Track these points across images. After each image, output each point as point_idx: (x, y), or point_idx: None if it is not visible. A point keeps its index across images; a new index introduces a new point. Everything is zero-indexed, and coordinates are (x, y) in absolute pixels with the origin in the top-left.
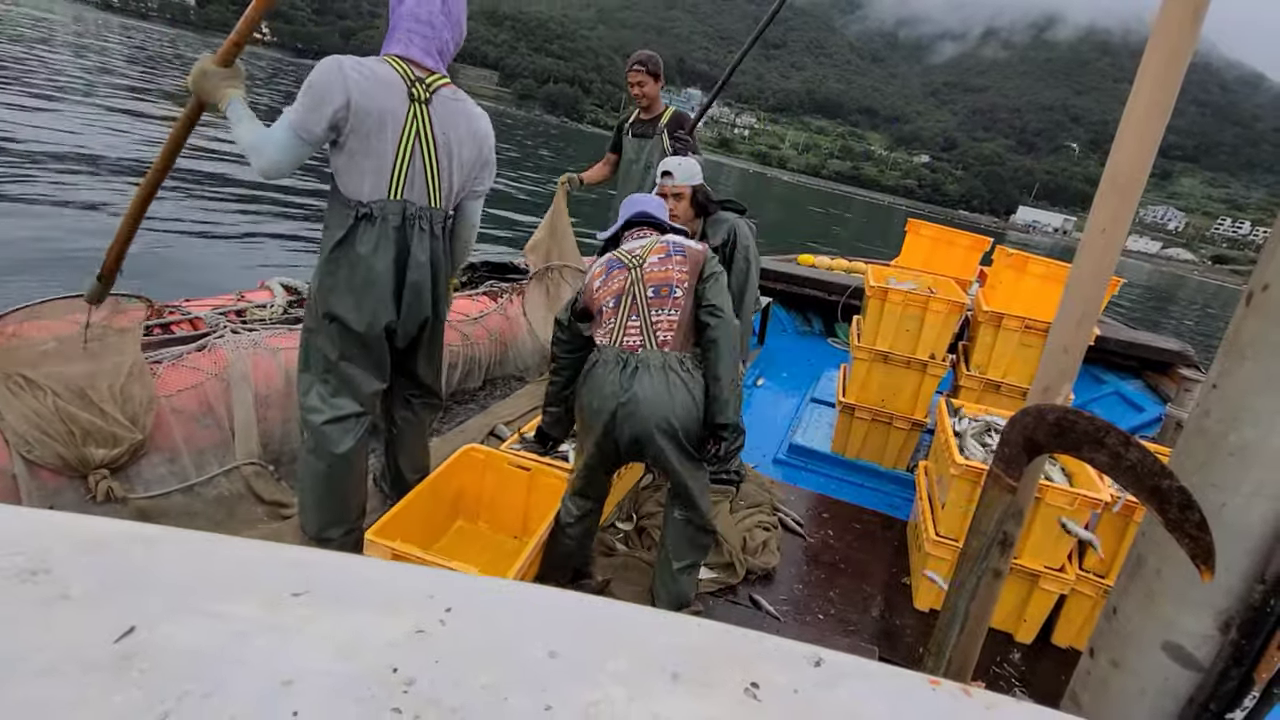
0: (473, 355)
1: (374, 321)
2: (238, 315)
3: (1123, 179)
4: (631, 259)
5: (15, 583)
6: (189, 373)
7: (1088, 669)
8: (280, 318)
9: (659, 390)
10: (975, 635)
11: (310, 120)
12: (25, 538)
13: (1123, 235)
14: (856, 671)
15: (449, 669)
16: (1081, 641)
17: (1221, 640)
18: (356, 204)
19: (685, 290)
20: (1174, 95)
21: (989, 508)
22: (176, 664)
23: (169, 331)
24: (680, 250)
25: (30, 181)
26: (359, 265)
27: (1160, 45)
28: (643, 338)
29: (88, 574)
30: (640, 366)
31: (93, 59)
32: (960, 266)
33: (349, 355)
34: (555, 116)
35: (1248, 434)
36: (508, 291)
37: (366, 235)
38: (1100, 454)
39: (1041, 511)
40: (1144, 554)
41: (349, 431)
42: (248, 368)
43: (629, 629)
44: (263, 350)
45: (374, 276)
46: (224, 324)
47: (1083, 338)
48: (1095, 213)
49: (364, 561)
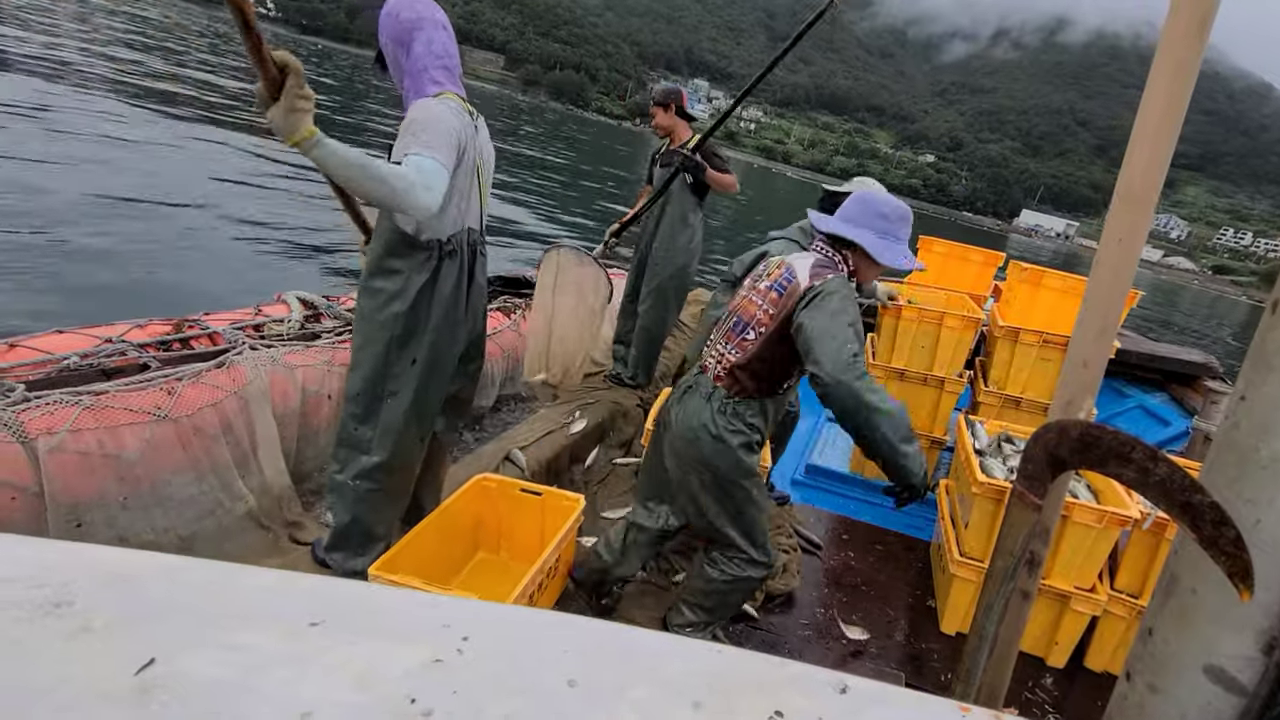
0: (486, 371)
1: (449, 350)
2: (255, 330)
3: (1137, 190)
4: (754, 278)
5: (39, 615)
6: (209, 390)
7: (1124, 694)
8: (297, 333)
9: (690, 418)
10: (1005, 659)
11: (452, 159)
12: (48, 570)
13: (1139, 246)
14: (883, 698)
15: (467, 699)
16: (1116, 665)
17: (1266, 662)
18: (438, 243)
19: (760, 336)
20: (1184, 105)
21: (1014, 527)
22: (196, 695)
23: (188, 347)
24: (782, 285)
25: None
26: (443, 303)
27: (1168, 55)
28: (712, 362)
29: (109, 605)
30: (690, 389)
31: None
32: (973, 282)
33: (427, 391)
34: (561, 103)
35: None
36: (521, 307)
37: (449, 271)
38: (1127, 469)
39: (1069, 530)
40: (1178, 573)
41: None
42: (266, 385)
43: (649, 656)
44: (280, 368)
45: (453, 307)
46: (242, 340)
47: (1103, 351)
48: (1110, 224)
49: (381, 590)
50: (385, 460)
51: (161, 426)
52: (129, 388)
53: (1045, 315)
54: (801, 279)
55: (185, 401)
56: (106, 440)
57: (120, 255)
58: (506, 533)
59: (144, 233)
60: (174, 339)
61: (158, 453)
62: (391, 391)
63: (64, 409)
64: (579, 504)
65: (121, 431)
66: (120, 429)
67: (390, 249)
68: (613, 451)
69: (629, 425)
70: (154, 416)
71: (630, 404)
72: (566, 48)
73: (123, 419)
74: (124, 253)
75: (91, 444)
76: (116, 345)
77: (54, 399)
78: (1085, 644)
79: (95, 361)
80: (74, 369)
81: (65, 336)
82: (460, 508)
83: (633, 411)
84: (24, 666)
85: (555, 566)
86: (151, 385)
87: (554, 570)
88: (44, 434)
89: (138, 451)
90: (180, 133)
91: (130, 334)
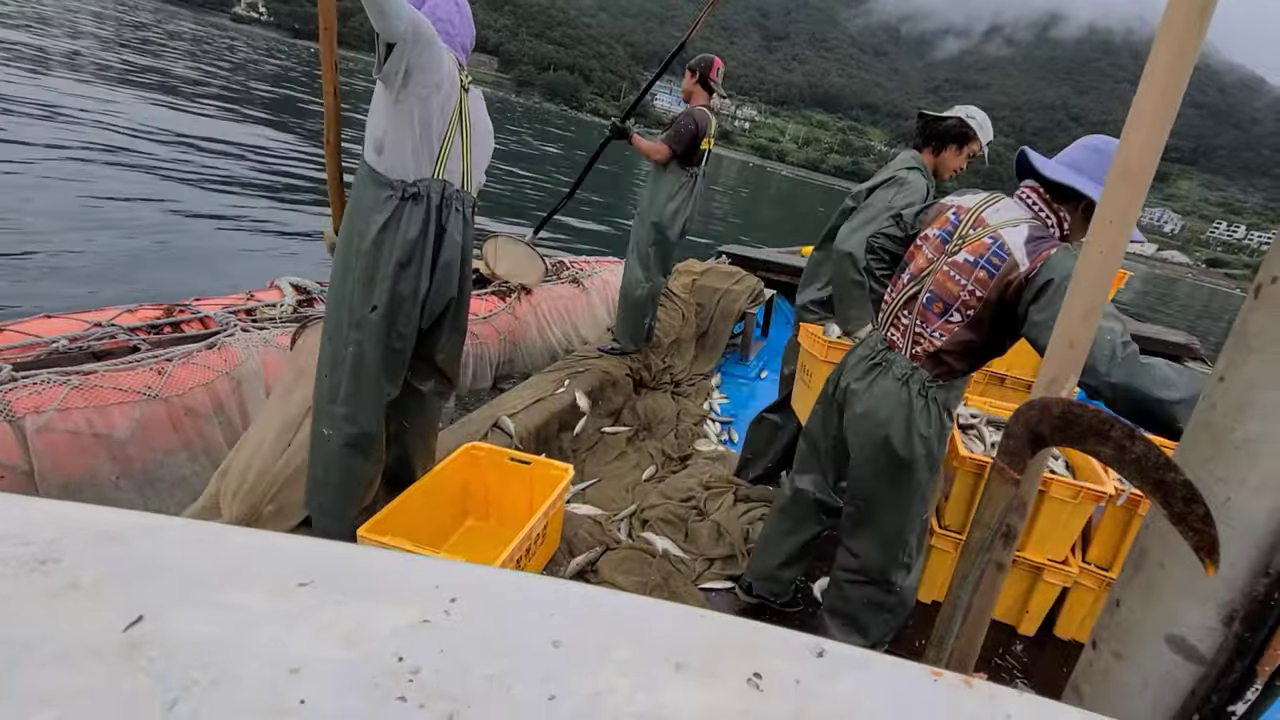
0: (482, 355)
1: (415, 295)
2: (248, 314)
3: (1133, 169)
4: (956, 237)
5: (25, 572)
6: (200, 371)
7: (1090, 661)
8: (290, 316)
9: (881, 402)
10: (978, 627)
11: (419, 24)
12: (36, 528)
13: (1130, 226)
14: (859, 662)
15: (454, 658)
16: (1084, 634)
17: (1225, 633)
18: (402, 184)
19: (968, 320)
20: (1185, 81)
21: (993, 500)
22: (184, 652)
23: (179, 330)
24: (993, 265)
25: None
26: (404, 248)
27: (1171, 28)
28: (904, 340)
29: (97, 564)
30: (879, 368)
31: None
32: None
33: (389, 341)
34: (555, 104)
35: (1254, 428)
36: (516, 291)
37: (413, 217)
38: (1105, 447)
39: (1046, 505)
40: (1148, 547)
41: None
42: (259, 366)
43: (633, 620)
44: (273, 349)
45: (416, 256)
46: (234, 323)
47: (1089, 330)
48: (1103, 204)
49: (369, 552)
50: (350, 412)
51: (152, 406)
52: (118, 368)
53: None
54: (1019, 259)
55: (176, 381)
56: (96, 419)
57: (110, 246)
58: (495, 500)
59: (134, 224)
60: (165, 323)
61: (149, 432)
62: (355, 340)
63: (52, 388)
64: (567, 473)
65: (111, 411)
66: (110, 408)
67: (359, 186)
68: (601, 420)
69: (618, 394)
70: (144, 396)
71: (620, 373)
72: (560, 49)
73: (112, 398)
74: (114, 243)
75: (81, 423)
76: (106, 329)
77: (41, 379)
78: (1055, 613)
79: (84, 344)
80: (63, 351)
81: (54, 321)
82: (449, 475)
83: (622, 380)
84: (10, 622)
85: (542, 533)
86: (141, 366)
87: (541, 537)
88: (31, 413)
89: (128, 431)
90: (170, 124)
91: (120, 318)
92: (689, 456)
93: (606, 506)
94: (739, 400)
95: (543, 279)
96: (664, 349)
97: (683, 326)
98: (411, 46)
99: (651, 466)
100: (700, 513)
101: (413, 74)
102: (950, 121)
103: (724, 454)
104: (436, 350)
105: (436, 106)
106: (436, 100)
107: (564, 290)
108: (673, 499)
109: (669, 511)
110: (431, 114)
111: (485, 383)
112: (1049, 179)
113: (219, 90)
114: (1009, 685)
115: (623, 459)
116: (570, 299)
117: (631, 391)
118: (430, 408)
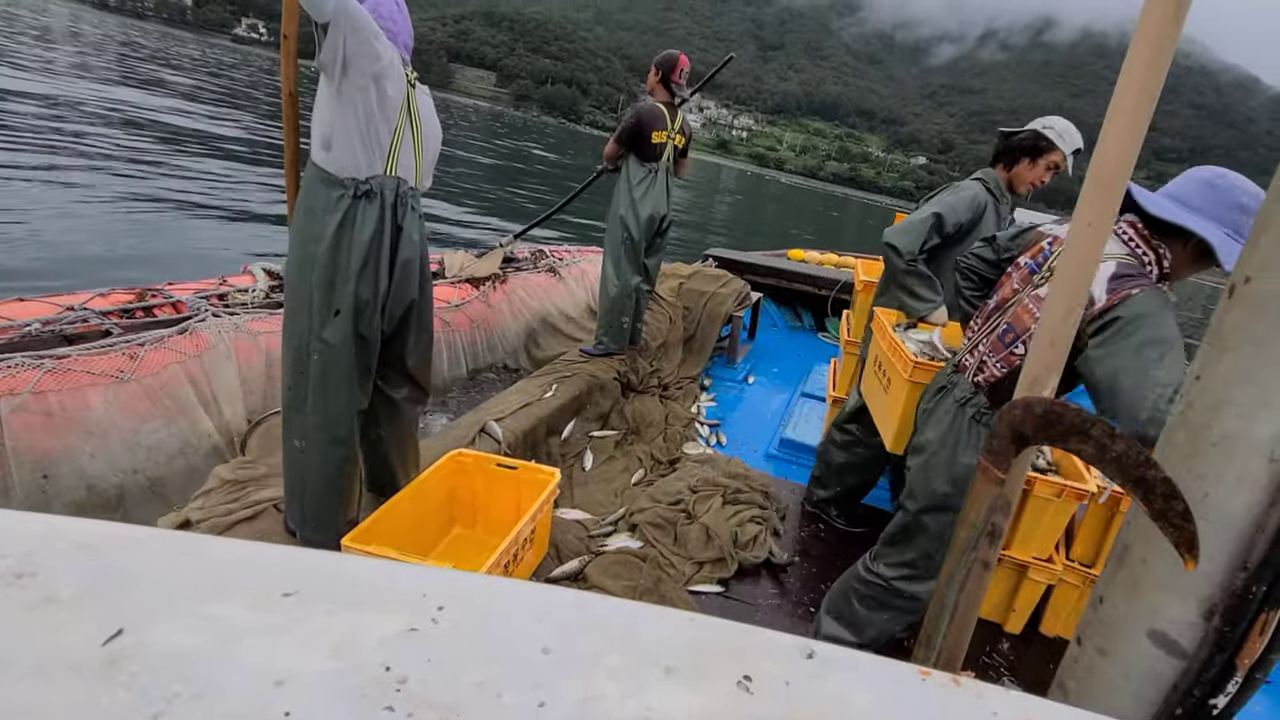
0: (455, 342)
1: (375, 297)
2: (220, 299)
3: (1108, 174)
4: (1044, 269)
5: (1, 586)
6: (171, 354)
7: (1075, 657)
8: (262, 302)
9: (937, 423)
10: (965, 626)
11: (353, 4)
12: (11, 540)
13: (1108, 229)
14: (848, 663)
15: (442, 667)
16: (1068, 630)
17: (1205, 627)
18: (354, 182)
19: None
20: (1158, 88)
21: (978, 500)
22: (166, 665)
23: (151, 315)
24: None
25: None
26: (362, 248)
27: (1145, 34)
28: (972, 364)
29: (75, 576)
30: (945, 390)
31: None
32: None
33: (353, 345)
34: (553, 117)
35: (1230, 425)
36: (488, 279)
37: (367, 216)
38: (1087, 446)
39: (1030, 503)
40: (1129, 544)
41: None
42: (230, 350)
43: (622, 624)
44: (244, 334)
45: (372, 257)
46: (205, 308)
47: (1069, 330)
48: (1081, 208)
49: (355, 560)
50: (321, 420)
51: (125, 387)
52: (91, 352)
53: None
54: (1098, 294)
55: (147, 365)
56: (70, 401)
57: (82, 231)
58: (483, 507)
59: (104, 211)
60: (137, 307)
61: (123, 410)
62: (318, 348)
63: (26, 372)
64: (554, 477)
65: (85, 392)
66: (84, 389)
67: (309, 188)
68: (589, 424)
69: (606, 398)
70: (116, 379)
71: (608, 377)
72: (557, 63)
73: (85, 381)
74: (85, 229)
75: (54, 405)
76: (79, 313)
77: (15, 362)
78: (1040, 611)
79: (57, 328)
80: (35, 335)
81: (27, 304)
82: (435, 483)
83: (609, 384)
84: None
85: (530, 538)
86: (114, 350)
87: (528, 542)
88: (5, 395)
89: (102, 409)
90: (144, 114)
91: (93, 302)
92: (677, 460)
93: (595, 511)
94: (727, 403)
95: (499, 266)
96: (651, 352)
97: (670, 330)
98: (348, 31)
99: (640, 470)
100: (689, 516)
101: (351, 61)
102: (1023, 135)
103: (712, 457)
104: (406, 355)
105: (379, 99)
106: (378, 92)
107: (539, 279)
108: (661, 502)
109: (658, 515)
110: (374, 106)
111: (460, 370)
112: (1152, 215)
113: (209, 95)
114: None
115: (611, 463)
116: (546, 286)
117: (619, 395)
118: (405, 415)
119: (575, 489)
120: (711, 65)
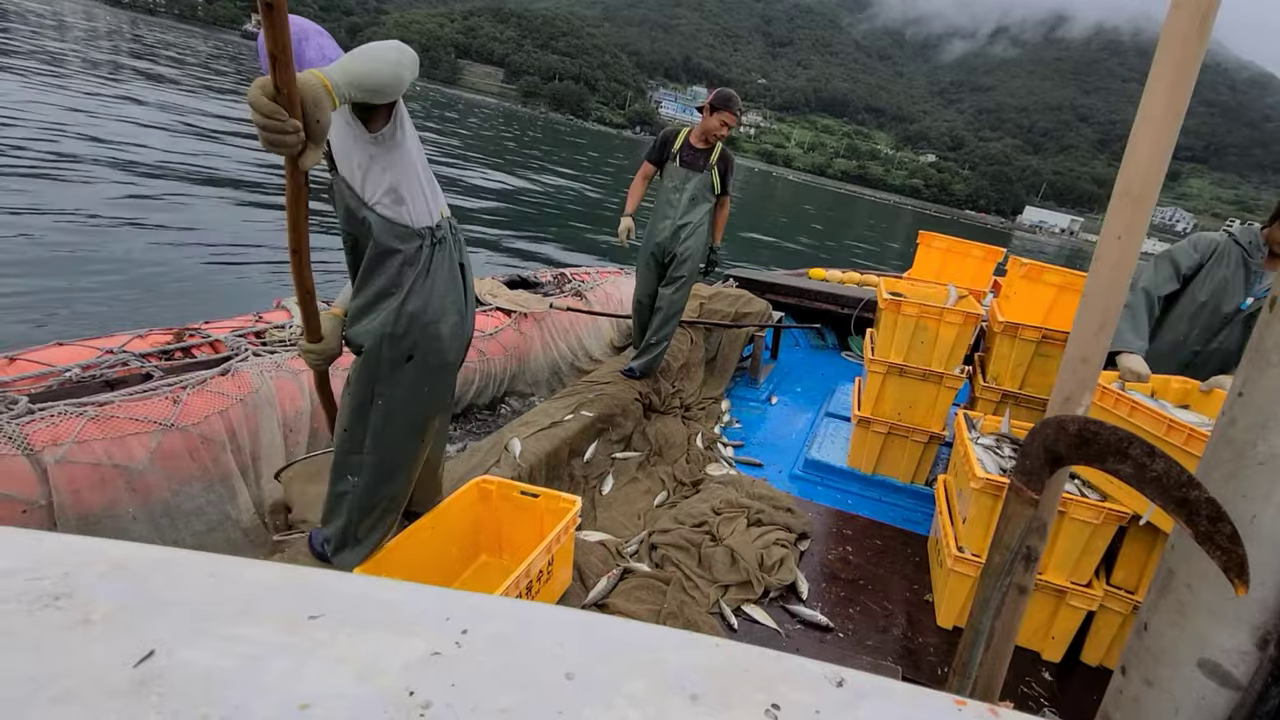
0: (488, 370)
1: (459, 342)
2: (257, 337)
3: (1137, 187)
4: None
5: (39, 607)
6: (215, 398)
7: (1120, 687)
8: (298, 338)
9: None
10: (1001, 654)
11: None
12: (48, 563)
13: (1139, 242)
14: (879, 692)
15: (466, 692)
16: (1112, 659)
17: (1260, 657)
18: (429, 230)
19: None
20: (1185, 103)
21: (1011, 522)
22: (195, 688)
23: (190, 355)
24: None
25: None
26: (440, 294)
27: (1170, 50)
28: None
29: (109, 598)
30: None
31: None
32: (973, 277)
33: (424, 391)
34: (561, 114)
35: (1276, 442)
36: (521, 308)
37: (441, 263)
38: (1125, 465)
39: (1066, 525)
40: (1174, 568)
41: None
42: (271, 391)
43: (647, 650)
44: (285, 373)
45: (454, 296)
46: (245, 346)
47: (1102, 346)
48: (1110, 220)
49: (380, 583)
50: (378, 463)
51: (169, 435)
52: (134, 397)
53: (1044, 311)
54: None
55: (191, 410)
56: (114, 450)
57: (115, 270)
58: (508, 535)
59: (136, 249)
60: (175, 348)
61: (166, 461)
62: (383, 393)
63: (69, 420)
64: (574, 505)
65: (129, 441)
66: (128, 439)
67: (380, 248)
68: (612, 446)
69: (628, 420)
70: (160, 426)
71: (629, 398)
72: (565, 59)
73: (129, 428)
74: (118, 268)
75: (100, 454)
76: (118, 356)
77: (58, 410)
78: (1081, 639)
79: (98, 372)
80: (76, 380)
81: (66, 349)
82: (459, 510)
83: (631, 406)
84: (22, 658)
85: (546, 569)
86: (156, 394)
87: (545, 573)
88: (49, 445)
89: (146, 460)
90: (174, 145)
91: (131, 344)
92: (700, 481)
93: (618, 533)
94: (750, 423)
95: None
96: (673, 373)
97: (691, 350)
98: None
99: (663, 492)
100: (714, 538)
101: (403, 115)
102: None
103: (736, 478)
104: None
105: (417, 143)
106: (414, 136)
107: (565, 317)
108: (685, 524)
109: (681, 537)
110: (415, 150)
111: (484, 399)
112: None
113: (210, 89)
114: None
115: (633, 484)
116: (575, 316)
117: (641, 416)
118: (436, 443)
119: (598, 511)
120: (720, 62)
